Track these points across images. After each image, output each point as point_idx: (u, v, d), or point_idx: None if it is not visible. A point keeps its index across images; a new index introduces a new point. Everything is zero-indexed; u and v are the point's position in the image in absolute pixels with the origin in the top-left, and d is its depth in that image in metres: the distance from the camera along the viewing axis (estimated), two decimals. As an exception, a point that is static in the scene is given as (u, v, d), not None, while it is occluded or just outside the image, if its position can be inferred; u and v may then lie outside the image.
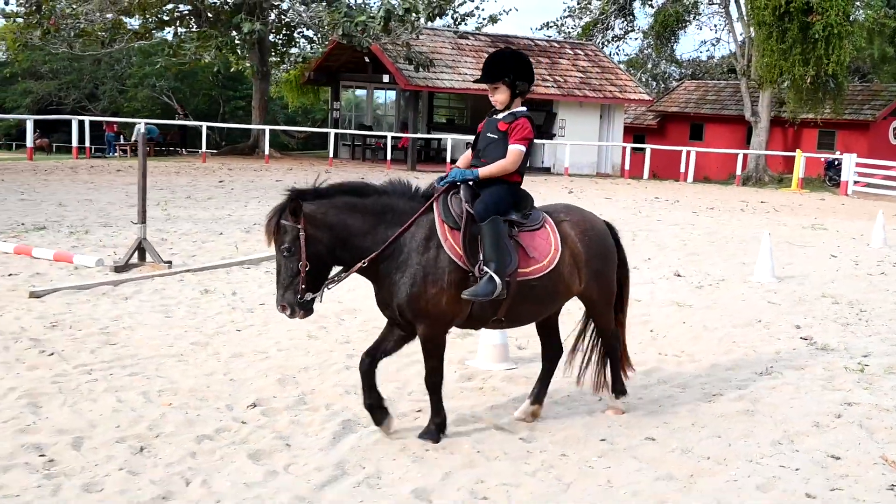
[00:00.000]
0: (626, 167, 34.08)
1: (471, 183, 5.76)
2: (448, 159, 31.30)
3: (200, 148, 32.18)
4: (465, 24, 42.74)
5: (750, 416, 6.55)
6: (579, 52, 36.90)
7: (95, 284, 10.12)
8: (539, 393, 6.35)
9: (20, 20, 32.02)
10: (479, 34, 35.98)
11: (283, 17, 35.47)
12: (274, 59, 37.38)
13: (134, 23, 35.92)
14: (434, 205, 5.70)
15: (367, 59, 32.25)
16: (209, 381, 6.90)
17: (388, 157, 32.20)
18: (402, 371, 7.34)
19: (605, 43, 44.23)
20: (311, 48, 34.08)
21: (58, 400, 6.28)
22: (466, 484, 5.15)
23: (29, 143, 27.86)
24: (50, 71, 61.83)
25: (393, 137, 32.91)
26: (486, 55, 27.37)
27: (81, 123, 29.95)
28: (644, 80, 47.38)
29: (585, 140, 34.20)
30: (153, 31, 36.26)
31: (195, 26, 34.62)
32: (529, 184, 26.96)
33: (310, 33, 36.47)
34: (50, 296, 9.53)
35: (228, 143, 40.42)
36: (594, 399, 6.80)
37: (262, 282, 10.68)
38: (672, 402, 6.82)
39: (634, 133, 42.07)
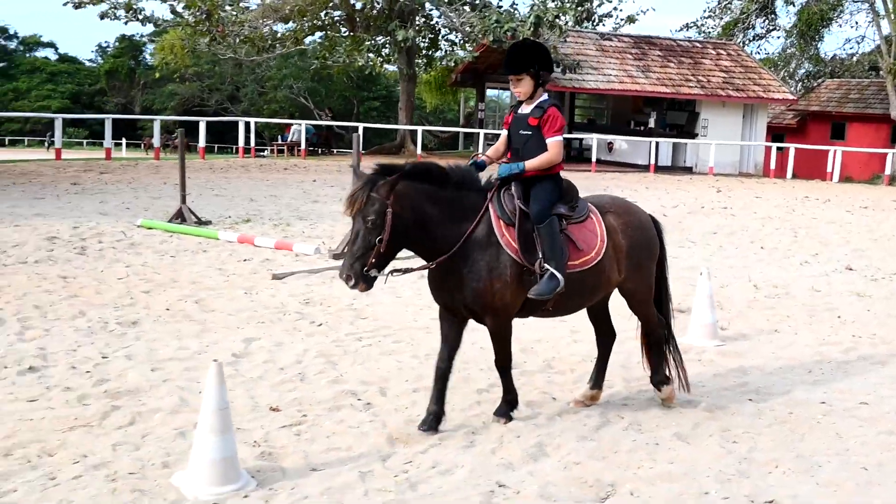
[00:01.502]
0: (772, 166, 34.10)
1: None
2: (593, 158, 32.20)
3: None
4: (603, 24, 43.39)
5: (951, 388, 7.33)
6: (722, 51, 37.10)
7: (324, 269, 11.46)
8: (598, 378, 6.59)
9: (189, 28, 34.23)
10: (622, 35, 36.57)
11: (428, 21, 36.82)
12: (419, 61, 38.79)
13: (285, 28, 37.84)
14: (490, 201, 5.80)
15: (513, 62, 33.23)
16: (461, 348, 8.02)
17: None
18: (622, 345, 8.33)
19: (746, 42, 44.15)
20: (461, 51, 35.29)
21: (347, 359, 7.52)
22: (715, 431, 6.12)
23: (202, 143, 29.96)
24: (194, 74, 65.13)
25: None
26: (629, 56, 28.69)
27: (248, 125, 31.98)
28: (783, 78, 47.02)
29: (728, 139, 34.42)
30: (305, 37, 38.16)
31: (346, 31, 36.30)
32: (675, 183, 27.10)
33: (452, 36, 37.72)
34: (289, 278, 10.88)
35: (363, 143, 41.82)
36: (805, 371, 7.68)
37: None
38: (876, 374, 7.63)
39: (773, 132, 41.85)
